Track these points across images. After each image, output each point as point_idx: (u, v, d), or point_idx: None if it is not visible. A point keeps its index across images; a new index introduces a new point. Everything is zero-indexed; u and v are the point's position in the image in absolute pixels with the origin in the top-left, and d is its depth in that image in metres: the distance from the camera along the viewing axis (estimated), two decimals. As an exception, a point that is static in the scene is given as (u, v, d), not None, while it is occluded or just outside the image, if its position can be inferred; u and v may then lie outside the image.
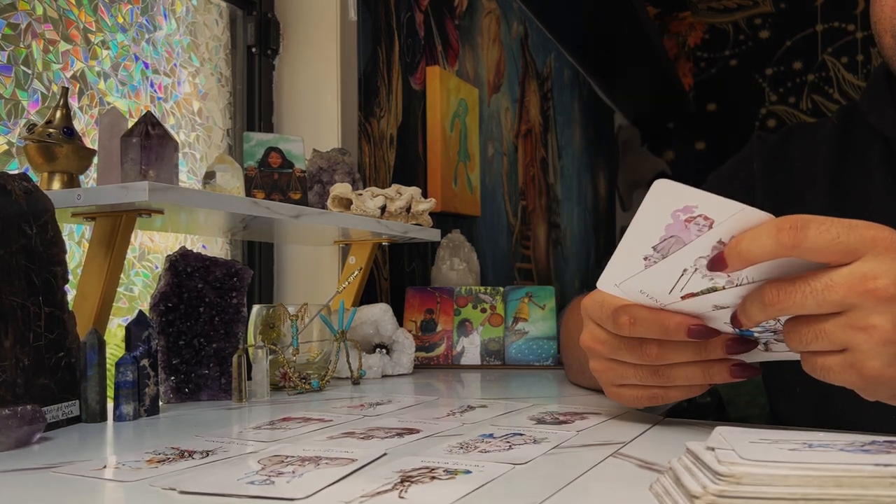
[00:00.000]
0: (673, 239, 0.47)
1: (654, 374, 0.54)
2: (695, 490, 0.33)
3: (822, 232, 0.43)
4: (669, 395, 0.55)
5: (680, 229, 0.47)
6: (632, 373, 0.55)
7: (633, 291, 0.52)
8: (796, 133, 0.77)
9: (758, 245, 0.44)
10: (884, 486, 0.31)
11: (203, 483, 0.43)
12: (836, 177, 0.71)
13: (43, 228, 0.65)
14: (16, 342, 0.60)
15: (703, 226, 0.46)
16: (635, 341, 0.53)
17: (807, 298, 0.44)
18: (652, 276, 0.50)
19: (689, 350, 0.52)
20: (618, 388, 0.57)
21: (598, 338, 0.55)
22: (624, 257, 0.50)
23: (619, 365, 0.55)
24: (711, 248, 0.47)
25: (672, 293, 0.50)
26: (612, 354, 0.54)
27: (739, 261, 0.45)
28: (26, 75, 0.92)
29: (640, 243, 0.49)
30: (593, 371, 0.57)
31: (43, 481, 0.45)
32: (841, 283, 0.43)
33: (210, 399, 0.81)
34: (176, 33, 1.19)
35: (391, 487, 0.40)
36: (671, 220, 0.47)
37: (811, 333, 0.45)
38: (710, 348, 0.52)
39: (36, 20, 0.94)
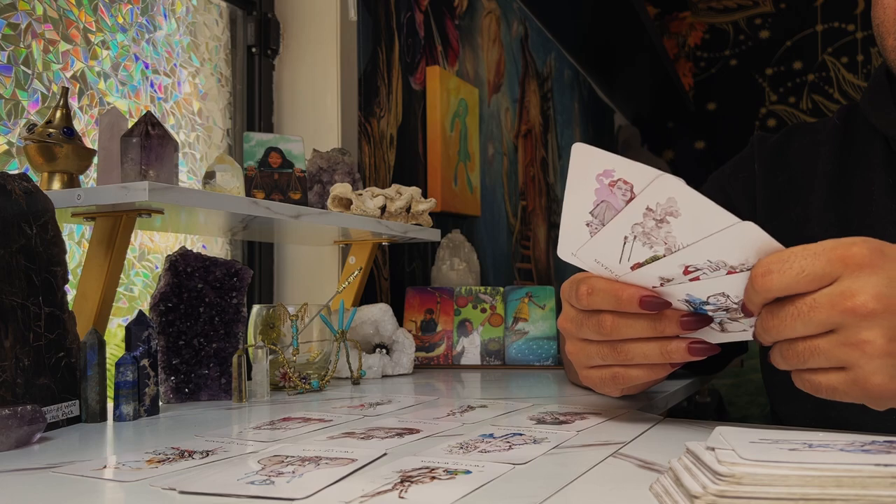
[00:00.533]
0: (604, 204, 0.49)
1: (613, 351, 0.54)
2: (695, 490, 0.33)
3: (785, 271, 0.45)
4: (630, 374, 0.55)
5: (607, 193, 0.49)
6: (595, 351, 0.55)
7: (589, 261, 0.53)
8: (797, 133, 0.77)
9: (749, 302, 0.48)
10: (884, 486, 0.31)
11: (203, 483, 0.43)
12: (837, 177, 0.71)
13: (43, 228, 0.65)
14: (16, 342, 0.60)
15: (624, 189, 0.48)
16: (594, 315, 0.54)
17: (796, 322, 0.45)
18: (599, 245, 0.51)
19: (644, 324, 0.52)
20: (587, 370, 0.58)
21: (568, 316, 0.56)
22: (569, 224, 0.52)
23: (586, 344, 0.56)
24: (642, 214, 0.48)
25: (622, 263, 0.51)
26: (578, 332, 0.56)
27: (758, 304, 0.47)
28: (26, 75, 0.92)
29: (578, 209, 0.51)
30: (568, 354, 0.59)
31: (43, 481, 0.45)
32: (823, 303, 0.44)
33: (210, 399, 0.81)
34: (176, 33, 1.19)
35: (391, 487, 0.40)
36: (597, 183, 0.49)
37: (807, 351, 0.45)
38: (664, 325, 0.52)
39: (36, 20, 0.94)
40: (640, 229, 0.49)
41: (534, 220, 2.33)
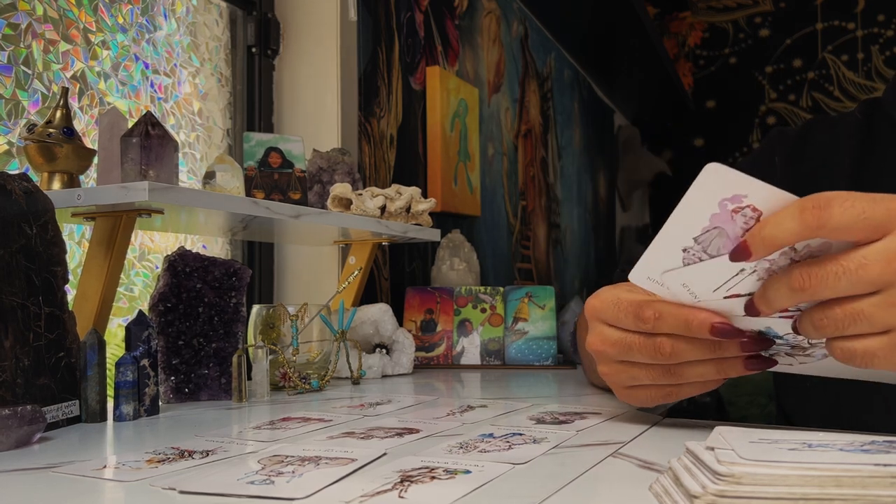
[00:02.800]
0: (716, 231, 0.44)
1: (666, 373, 0.52)
2: (694, 490, 0.33)
3: (847, 209, 0.41)
4: (682, 392, 0.54)
5: (725, 220, 0.44)
6: (643, 373, 0.53)
7: (675, 286, 0.49)
8: (817, 127, 0.76)
9: (782, 229, 0.42)
10: (883, 485, 0.31)
11: (203, 483, 0.43)
12: (858, 170, 0.70)
13: (43, 228, 0.65)
14: (16, 342, 0.60)
15: (749, 217, 0.43)
16: (649, 340, 0.51)
17: (840, 280, 0.41)
18: (700, 272, 0.47)
19: (704, 348, 0.50)
20: (629, 389, 0.56)
21: (609, 339, 0.53)
22: (662, 249, 0.47)
23: (630, 366, 0.54)
24: (780, 252, 0.43)
25: (717, 291, 0.48)
26: (622, 356, 0.53)
27: (764, 247, 0.43)
28: (26, 75, 0.92)
29: (681, 233, 0.46)
30: (602, 374, 0.56)
31: (43, 481, 0.45)
32: (876, 259, 0.41)
33: (210, 399, 0.81)
34: (176, 33, 1.19)
35: (391, 487, 0.40)
36: (717, 209, 0.44)
37: (848, 316, 0.42)
38: (724, 346, 0.50)
39: (36, 20, 0.94)
40: (767, 265, 0.45)
41: (534, 220, 2.33)
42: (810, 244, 0.43)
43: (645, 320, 0.50)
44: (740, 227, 0.44)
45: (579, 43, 2.70)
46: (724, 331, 0.48)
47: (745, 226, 0.44)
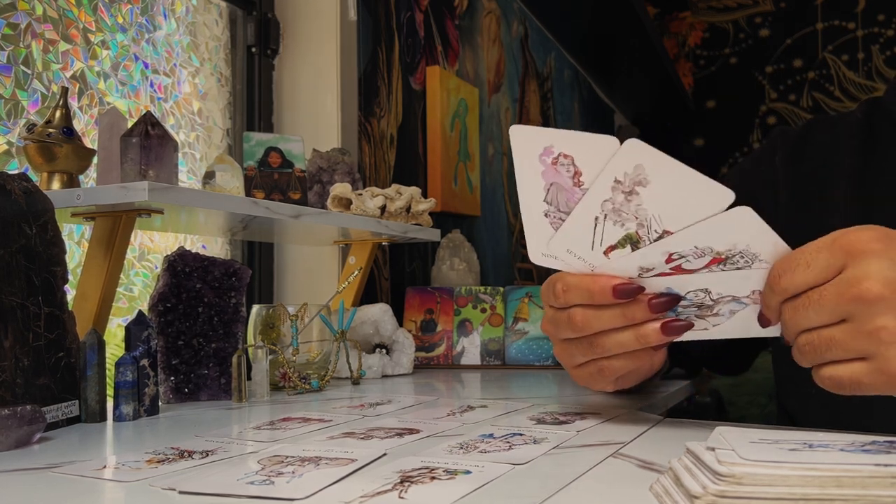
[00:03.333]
0: (554, 187, 0.47)
1: (590, 346, 0.54)
2: (695, 490, 0.33)
3: (794, 269, 0.45)
4: (614, 365, 0.55)
5: (552, 174, 0.46)
6: (576, 349, 0.55)
7: (562, 254, 0.51)
8: (818, 126, 0.76)
9: (766, 306, 0.49)
10: (884, 486, 0.31)
11: (203, 483, 0.43)
12: (860, 169, 0.70)
13: (43, 228, 0.65)
14: (15, 342, 0.60)
15: (567, 165, 0.46)
16: (564, 313, 0.53)
17: (808, 310, 0.45)
18: (569, 232, 0.49)
19: (614, 313, 0.51)
20: (574, 370, 0.58)
21: (547, 317, 0.56)
22: (529, 219, 0.50)
23: (568, 344, 0.55)
24: (610, 188, 0.46)
25: (594, 249, 0.49)
26: (557, 333, 0.55)
27: (775, 315, 0.48)
28: (26, 75, 0.92)
29: (532, 199, 0.48)
30: (556, 356, 0.59)
31: (43, 481, 0.45)
32: (830, 291, 0.44)
33: (210, 399, 0.80)
34: (176, 33, 1.18)
35: (391, 487, 0.40)
36: (541, 165, 0.46)
37: (823, 343, 0.45)
38: (634, 311, 0.51)
39: (36, 20, 0.93)
40: (610, 206, 0.47)
41: (534, 220, 2.33)
42: (627, 171, 0.45)
43: (557, 295, 0.53)
44: (567, 176, 0.46)
45: (579, 43, 2.70)
46: (625, 290, 0.50)
47: (569, 174, 0.46)
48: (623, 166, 0.45)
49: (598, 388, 0.59)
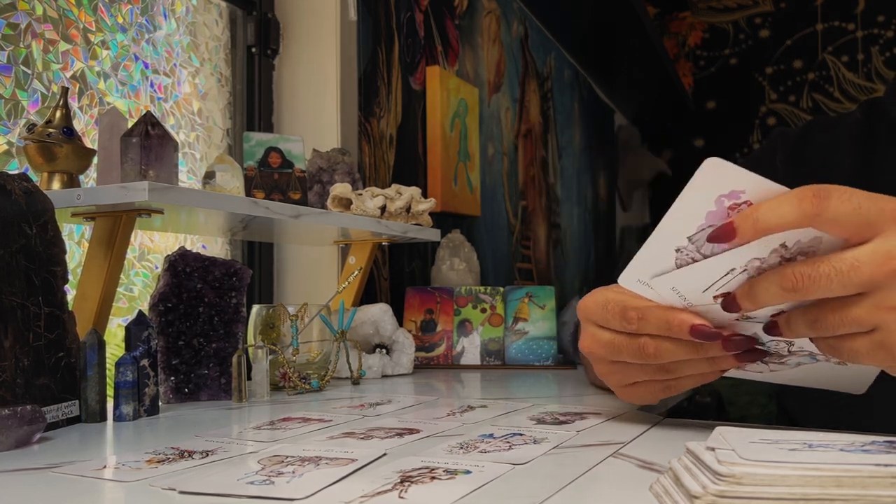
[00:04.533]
0: (711, 229, 0.43)
1: (661, 370, 0.53)
2: (695, 490, 0.33)
3: (844, 201, 0.41)
4: (682, 385, 0.54)
5: (721, 216, 0.42)
6: (638, 372, 0.54)
7: (664, 290, 0.48)
8: (818, 127, 0.76)
9: (776, 214, 0.41)
10: (884, 486, 0.31)
11: (203, 483, 0.43)
12: (859, 169, 0.70)
13: (43, 228, 0.65)
14: (15, 342, 0.60)
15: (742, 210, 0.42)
16: (634, 340, 0.51)
17: (832, 282, 0.41)
18: (691, 274, 0.45)
19: (688, 348, 0.50)
20: (627, 388, 0.56)
21: (600, 340, 0.54)
22: (655, 249, 0.46)
23: (625, 366, 0.54)
24: (771, 250, 0.43)
25: (706, 293, 0.47)
26: (613, 356, 0.53)
27: (753, 231, 0.42)
28: (26, 75, 0.92)
29: (676, 231, 0.44)
30: (599, 374, 0.57)
31: (43, 481, 0.45)
32: (867, 261, 0.41)
33: (210, 399, 0.80)
34: (176, 33, 1.19)
35: (391, 487, 0.40)
36: (714, 206, 0.42)
37: (837, 319, 0.43)
38: (706, 347, 0.50)
39: (36, 20, 0.94)
40: (757, 264, 0.43)
41: (534, 220, 2.33)
42: (801, 240, 0.42)
43: (629, 321, 0.51)
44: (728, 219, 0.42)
45: (579, 43, 2.70)
46: (703, 332, 0.48)
47: None
48: (803, 235, 0.41)
49: (645, 403, 0.59)
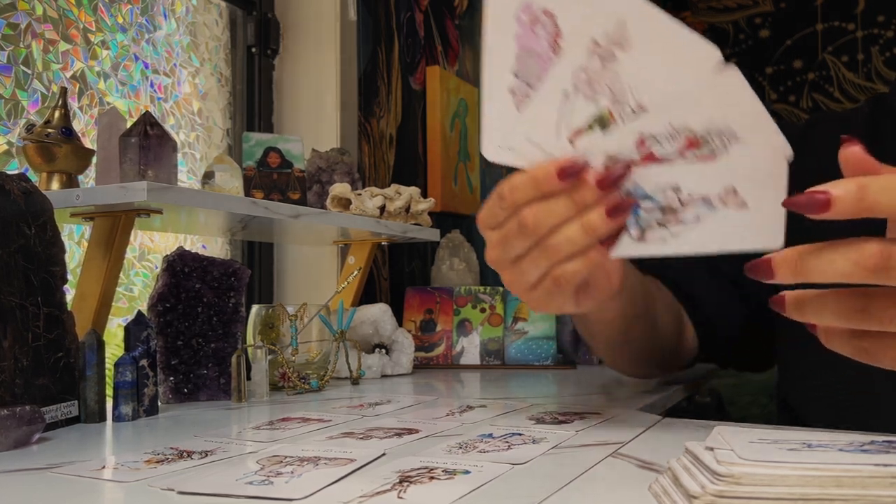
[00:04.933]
0: (527, 55, 0.39)
1: (543, 253, 0.49)
2: (694, 490, 0.33)
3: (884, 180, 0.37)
4: (567, 270, 0.49)
5: (529, 38, 0.39)
6: (528, 265, 0.50)
7: (522, 146, 0.44)
8: (823, 121, 0.76)
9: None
10: (883, 486, 0.31)
11: (202, 483, 0.43)
12: None
13: (42, 228, 0.65)
14: (15, 342, 0.60)
15: (548, 25, 0.39)
16: (515, 219, 0.48)
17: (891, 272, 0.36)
18: (532, 115, 0.41)
19: (564, 203, 0.46)
20: (530, 293, 0.52)
21: (491, 242, 0.51)
22: (490, 103, 0.42)
23: (519, 263, 0.50)
24: (587, 51, 0.38)
25: (559, 136, 0.43)
26: (507, 253, 0.50)
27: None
28: (26, 75, 0.92)
29: (497, 72, 0.40)
30: (508, 286, 0.53)
31: (42, 482, 0.45)
32: None
33: (209, 399, 0.80)
34: (176, 33, 1.18)
35: (390, 488, 0.40)
36: (518, 27, 0.39)
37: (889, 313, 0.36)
38: (582, 193, 0.46)
39: (36, 20, 0.93)
40: (584, 76, 0.39)
41: (534, 220, 2.33)
42: (607, 29, 0.38)
43: (503, 198, 0.48)
44: (545, 40, 0.39)
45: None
46: (571, 168, 0.44)
47: (547, 36, 0.39)
48: (605, 23, 0.37)
49: (559, 310, 0.54)
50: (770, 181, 0.43)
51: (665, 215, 0.45)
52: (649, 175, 0.43)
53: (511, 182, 0.47)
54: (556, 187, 0.45)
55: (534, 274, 0.50)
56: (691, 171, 0.42)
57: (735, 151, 0.42)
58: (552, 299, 0.52)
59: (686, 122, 0.40)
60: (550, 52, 0.40)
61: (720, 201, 0.44)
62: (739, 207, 0.44)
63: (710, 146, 0.41)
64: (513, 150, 0.44)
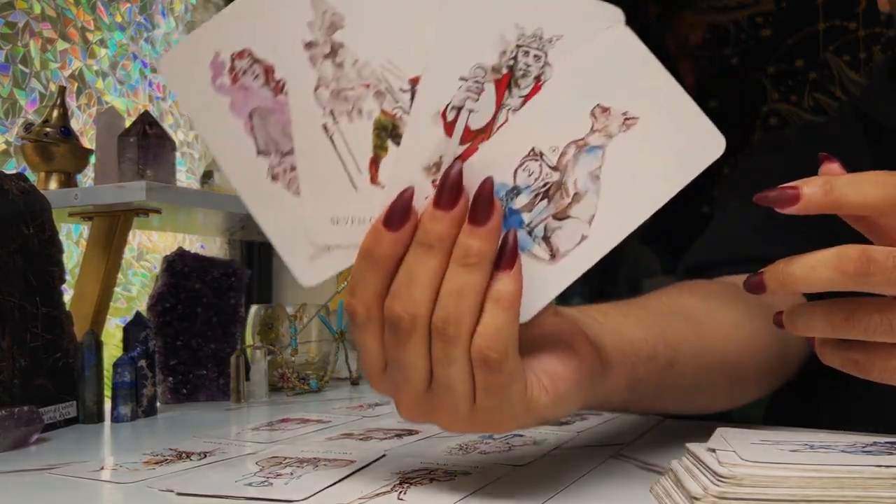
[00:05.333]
0: (259, 120, 0.30)
1: (449, 346, 0.32)
2: (695, 491, 0.33)
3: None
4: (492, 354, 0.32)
5: (243, 99, 0.30)
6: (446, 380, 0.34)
7: (331, 233, 0.32)
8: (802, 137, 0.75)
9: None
10: (885, 487, 0.31)
11: (201, 485, 0.42)
12: None
13: (40, 228, 0.65)
14: (13, 343, 0.60)
15: (248, 68, 0.29)
16: (378, 329, 0.34)
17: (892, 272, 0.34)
18: (315, 184, 0.31)
19: (424, 262, 0.32)
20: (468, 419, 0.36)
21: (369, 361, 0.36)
22: (265, 214, 0.33)
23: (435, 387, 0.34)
24: (307, 61, 0.29)
25: (359, 182, 0.31)
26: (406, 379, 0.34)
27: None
28: (24, 74, 0.92)
29: (239, 166, 0.32)
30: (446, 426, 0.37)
31: (40, 482, 0.45)
32: None
33: (208, 400, 0.80)
34: (174, 32, 1.18)
35: (390, 489, 0.40)
36: (220, 94, 0.30)
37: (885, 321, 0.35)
38: (431, 231, 0.31)
39: (34, 19, 0.93)
40: (326, 92, 0.29)
41: (534, 220, 2.33)
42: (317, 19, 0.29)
43: (355, 312, 0.34)
44: (261, 87, 0.30)
45: (579, 42, 2.70)
46: (395, 208, 0.31)
47: (260, 81, 0.30)
48: (306, 16, 0.29)
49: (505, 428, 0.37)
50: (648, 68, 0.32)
51: (552, 201, 0.31)
52: (490, 159, 0.30)
53: (350, 285, 0.33)
54: (396, 246, 0.31)
55: (459, 383, 0.33)
56: (528, 116, 0.30)
57: (561, 53, 0.30)
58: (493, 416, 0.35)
59: (477, 58, 0.29)
60: (273, 95, 0.30)
61: (600, 134, 0.31)
62: (637, 126, 0.32)
63: (528, 71, 0.30)
64: (329, 249, 0.33)
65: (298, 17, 0.29)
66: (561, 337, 0.36)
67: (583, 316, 0.41)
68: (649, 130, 0.32)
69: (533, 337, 0.35)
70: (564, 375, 0.35)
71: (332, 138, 0.30)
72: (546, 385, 0.34)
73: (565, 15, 0.30)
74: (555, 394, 0.35)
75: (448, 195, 0.30)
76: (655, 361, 0.44)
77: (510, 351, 0.31)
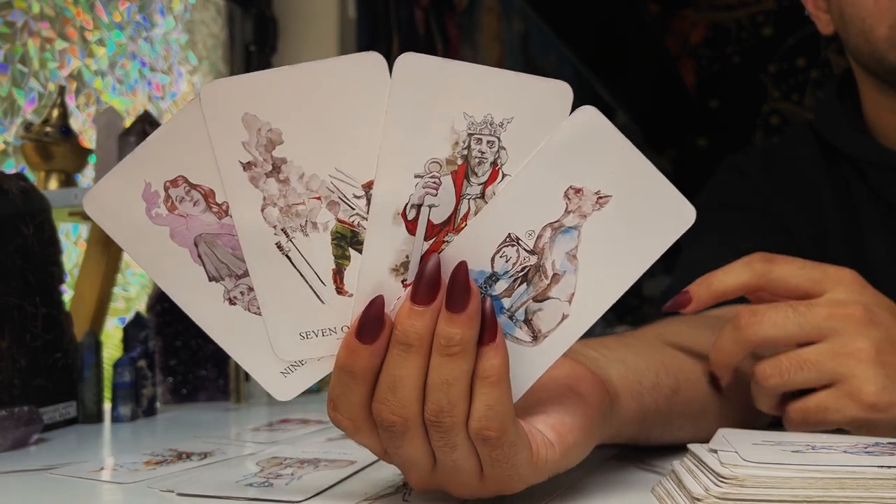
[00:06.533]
0: (206, 247, 0.29)
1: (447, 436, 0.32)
2: (697, 492, 0.33)
3: (789, 262, 0.45)
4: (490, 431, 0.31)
5: (185, 227, 0.29)
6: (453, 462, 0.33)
7: (301, 348, 0.31)
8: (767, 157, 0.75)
9: (732, 276, 0.45)
10: (887, 487, 0.31)
11: (201, 485, 0.42)
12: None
13: (39, 228, 0.65)
14: (12, 343, 0.60)
15: (183, 195, 0.29)
16: (374, 435, 0.33)
17: (789, 320, 0.42)
18: (277, 303, 0.30)
19: (404, 367, 0.31)
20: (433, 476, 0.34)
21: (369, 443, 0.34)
22: (236, 348, 0.32)
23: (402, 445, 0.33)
24: (248, 181, 0.28)
25: (326, 297, 0.30)
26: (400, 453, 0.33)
27: (710, 293, 0.45)
28: (23, 74, 0.91)
29: (203, 304, 0.30)
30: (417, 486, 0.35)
31: (40, 483, 0.45)
32: (822, 305, 0.43)
33: (208, 400, 0.80)
34: (173, 31, 1.18)
35: (392, 490, 0.40)
36: (158, 225, 0.29)
37: (793, 363, 0.42)
38: (407, 334, 0.30)
39: (32, 18, 0.93)
40: (275, 211, 0.29)
41: (534, 219, 2.33)
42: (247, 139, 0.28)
43: (343, 427, 0.33)
44: (203, 212, 0.29)
45: (581, 41, 2.70)
46: (367, 318, 0.30)
47: (199, 206, 0.29)
48: (239, 136, 0.28)
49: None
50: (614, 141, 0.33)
51: (531, 284, 0.32)
52: (466, 248, 0.30)
53: (331, 399, 0.32)
54: (373, 357, 0.31)
55: (422, 458, 0.33)
56: (510, 205, 0.30)
57: (515, 135, 0.30)
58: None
59: (435, 155, 0.29)
60: (218, 218, 0.29)
61: (574, 215, 0.32)
62: (610, 203, 0.32)
63: (482, 158, 0.30)
64: (301, 363, 0.32)
65: (230, 139, 0.28)
66: (563, 385, 0.36)
67: (586, 350, 0.42)
68: (622, 207, 0.33)
69: (534, 392, 0.34)
70: (572, 425, 0.35)
71: (289, 255, 0.30)
72: (553, 440, 0.34)
73: (513, 97, 0.30)
74: (563, 448, 0.34)
75: (425, 289, 0.29)
76: (659, 389, 0.45)
77: (507, 425, 0.31)
